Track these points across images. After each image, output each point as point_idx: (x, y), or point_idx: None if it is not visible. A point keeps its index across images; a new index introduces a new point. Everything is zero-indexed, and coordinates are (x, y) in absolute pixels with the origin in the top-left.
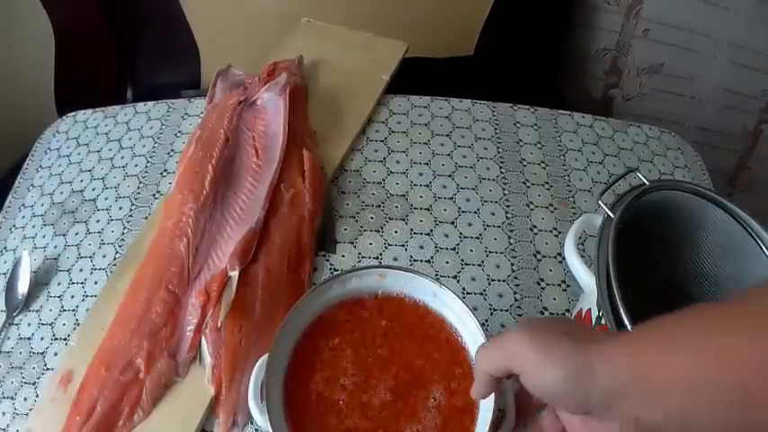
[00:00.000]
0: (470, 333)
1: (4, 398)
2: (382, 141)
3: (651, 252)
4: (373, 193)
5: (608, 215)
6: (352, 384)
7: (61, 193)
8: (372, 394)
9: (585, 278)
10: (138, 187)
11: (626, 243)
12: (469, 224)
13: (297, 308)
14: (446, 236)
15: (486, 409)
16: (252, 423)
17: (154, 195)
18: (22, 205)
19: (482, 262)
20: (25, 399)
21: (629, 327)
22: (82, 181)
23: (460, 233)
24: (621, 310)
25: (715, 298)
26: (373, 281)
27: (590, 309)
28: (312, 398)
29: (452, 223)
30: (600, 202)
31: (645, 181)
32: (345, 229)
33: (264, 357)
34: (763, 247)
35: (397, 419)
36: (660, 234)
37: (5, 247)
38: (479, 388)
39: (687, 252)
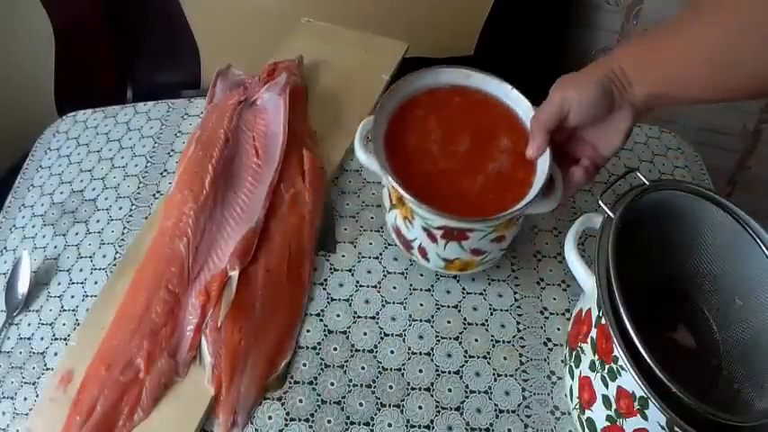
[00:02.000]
0: (523, 111)
1: (4, 398)
2: None
3: (651, 252)
4: (373, 193)
5: (608, 215)
6: (440, 138)
7: (61, 193)
8: (457, 144)
9: (585, 278)
10: (138, 187)
11: (626, 243)
12: None
13: (392, 89)
14: None
15: (542, 161)
16: (252, 423)
17: (154, 195)
18: (22, 205)
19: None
20: (25, 399)
21: (629, 327)
22: (82, 181)
23: None
24: (621, 310)
25: (715, 298)
26: (456, 77)
27: (590, 308)
28: (410, 149)
29: None
30: (600, 202)
31: (645, 181)
32: (345, 229)
33: (369, 118)
34: (763, 247)
35: (478, 160)
36: (660, 234)
37: (5, 247)
38: (537, 143)
39: (687, 252)
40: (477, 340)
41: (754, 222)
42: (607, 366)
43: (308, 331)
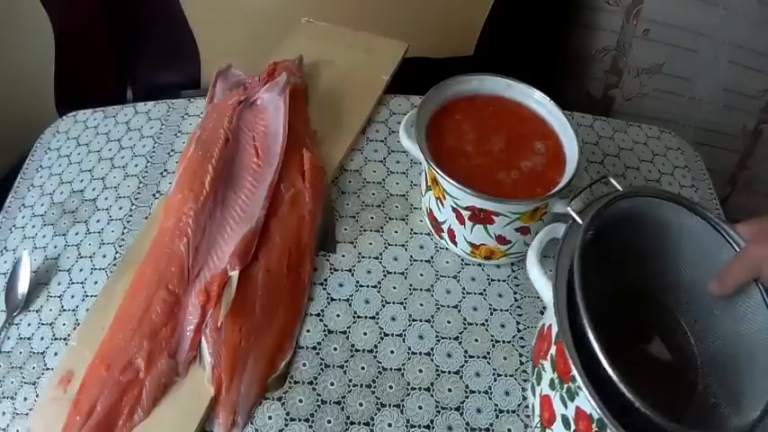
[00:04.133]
0: (559, 122)
1: (4, 398)
2: (382, 141)
3: (624, 262)
4: (373, 193)
5: (572, 223)
6: (475, 139)
7: (61, 193)
8: (491, 144)
9: (546, 292)
10: (138, 187)
11: (596, 253)
12: None
13: (430, 94)
14: None
15: (571, 162)
16: (252, 423)
17: (154, 195)
18: (22, 205)
19: (481, 264)
20: (25, 399)
21: (593, 342)
22: (82, 181)
23: None
24: (585, 324)
25: (693, 309)
26: (493, 86)
27: (551, 324)
28: (447, 148)
29: None
30: (569, 209)
31: (618, 187)
32: (345, 229)
33: (413, 111)
34: (731, 241)
35: (512, 158)
36: (634, 243)
37: (5, 247)
38: (728, 284)
39: (664, 261)
40: (477, 340)
41: (732, 231)
42: (566, 386)
43: (307, 331)
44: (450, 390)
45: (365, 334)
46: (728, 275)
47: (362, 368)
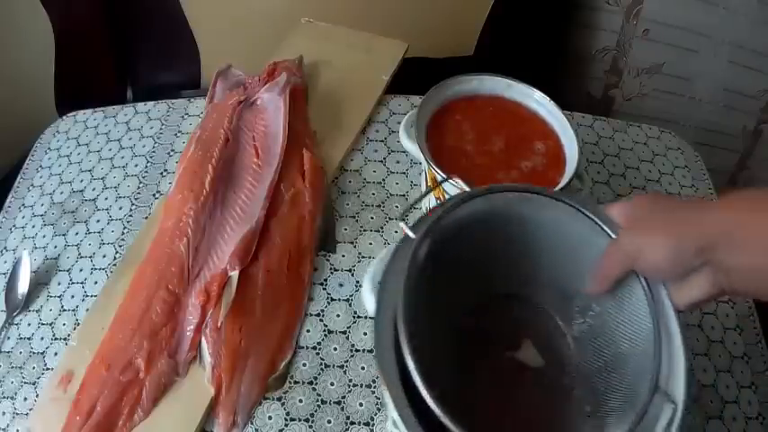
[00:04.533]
0: (559, 122)
1: (4, 398)
2: (382, 141)
3: (483, 264)
4: (373, 193)
5: (405, 238)
6: (475, 139)
7: (61, 193)
8: (491, 144)
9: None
10: (138, 187)
11: (443, 262)
12: None
13: (430, 94)
14: None
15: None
16: (252, 423)
17: (154, 195)
18: (22, 205)
19: None
20: (25, 399)
21: (413, 372)
22: (82, 181)
23: None
24: (406, 354)
25: (570, 307)
26: (493, 86)
27: None
28: (447, 148)
29: None
30: (401, 224)
31: (465, 187)
32: (345, 229)
33: (413, 110)
34: (604, 227)
35: (512, 158)
36: (492, 243)
37: (5, 247)
38: (603, 280)
39: (529, 258)
40: None
41: (604, 216)
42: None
43: (307, 331)
44: None
45: (365, 334)
46: (601, 272)
47: (362, 368)
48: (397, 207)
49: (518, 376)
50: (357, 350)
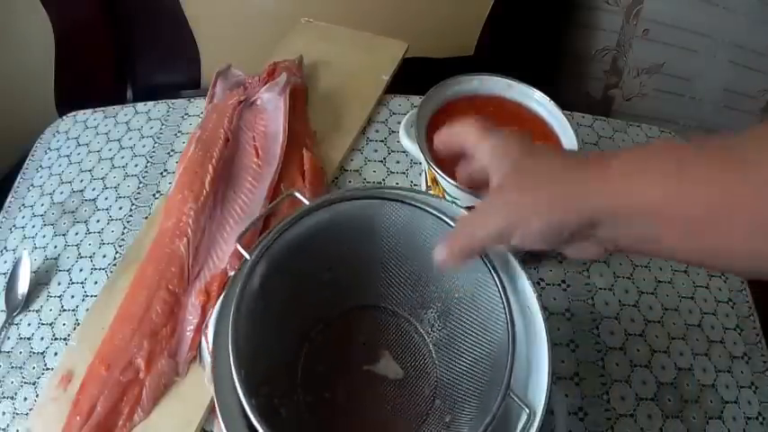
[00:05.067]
0: (559, 123)
1: (4, 398)
2: (382, 141)
3: (334, 276)
4: None
5: (245, 260)
6: None
7: (61, 193)
8: None
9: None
10: (138, 187)
11: (285, 280)
12: None
13: (430, 94)
14: None
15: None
16: None
17: (154, 195)
18: (22, 205)
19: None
20: (25, 399)
21: (242, 398)
22: (82, 181)
23: None
24: (236, 380)
25: (429, 311)
26: (493, 86)
27: None
28: None
29: None
30: (237, 245)
31: (305, 201)
32: None
33: (412, 111)
34: (440, 216)
35: None
36: (342, 253)
37: (5, 247)
38: (462, 253)
39: (382, 266)
40: None
41: (450, 205)
42: None
43: None
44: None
45: None
46: (460, 240)
47: None
48: None
49: (378, 390)
50: None
